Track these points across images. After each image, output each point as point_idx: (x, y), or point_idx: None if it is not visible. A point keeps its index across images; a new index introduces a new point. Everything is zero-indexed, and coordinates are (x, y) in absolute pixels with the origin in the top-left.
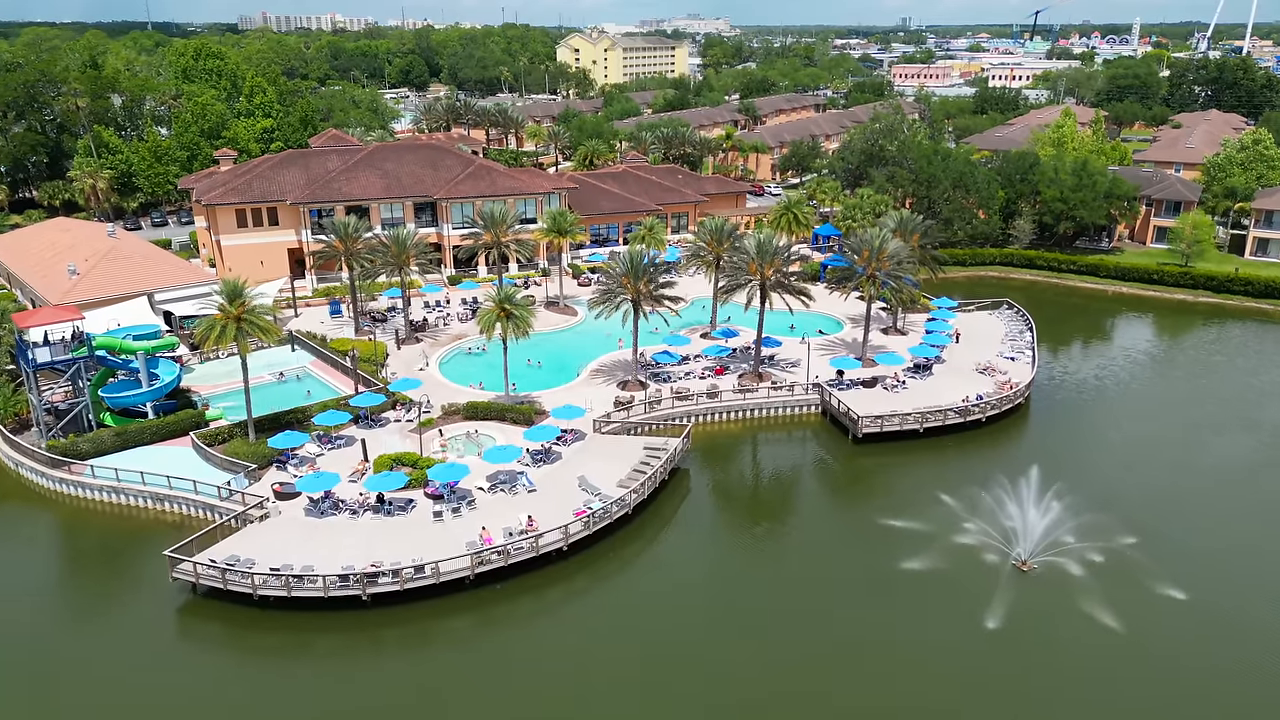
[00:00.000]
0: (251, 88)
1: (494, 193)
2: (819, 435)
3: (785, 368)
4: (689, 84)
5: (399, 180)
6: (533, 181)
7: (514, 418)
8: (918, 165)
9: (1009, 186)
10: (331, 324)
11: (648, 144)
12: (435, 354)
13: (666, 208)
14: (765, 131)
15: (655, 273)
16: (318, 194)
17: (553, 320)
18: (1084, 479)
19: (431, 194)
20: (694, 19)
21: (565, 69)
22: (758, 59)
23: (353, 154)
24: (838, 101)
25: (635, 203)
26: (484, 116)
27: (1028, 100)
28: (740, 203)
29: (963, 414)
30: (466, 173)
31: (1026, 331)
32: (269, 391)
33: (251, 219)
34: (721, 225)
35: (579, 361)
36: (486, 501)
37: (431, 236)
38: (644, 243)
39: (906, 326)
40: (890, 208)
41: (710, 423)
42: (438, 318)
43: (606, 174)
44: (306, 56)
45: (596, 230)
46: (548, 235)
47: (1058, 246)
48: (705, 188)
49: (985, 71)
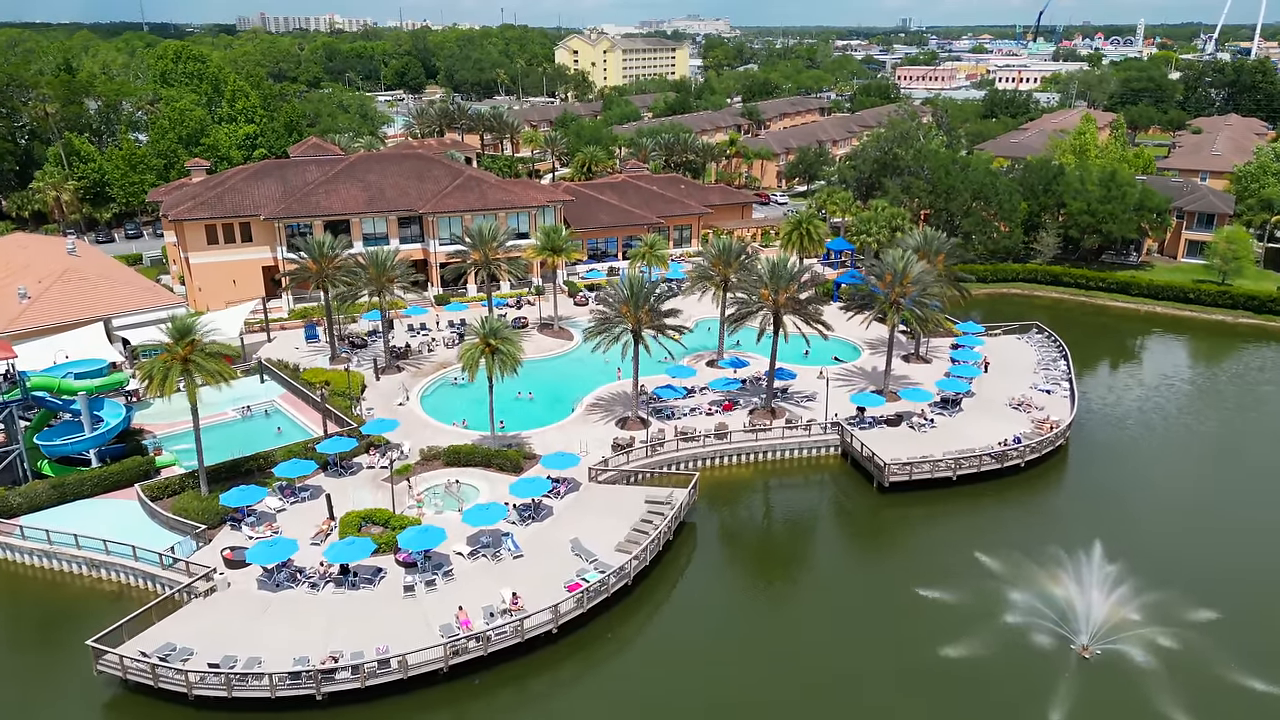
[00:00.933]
0: (233, 92)
1: (484, 206)
2: (840, 482)
3: (800, 402)
4: (690, 86)
5: (382, 193)
6: (526, 194)
7: (500, 464)
8: (935, 175)
9: (1031, 198)
10: (307, 350)
11: (648, 151)
12: (417, 385)
13: (668, 220)
14: (770, 137)
15: (658, 301)
16: (294, 208)
17: (546, 345)
18: (1142, 539)
19: (417, 208)
20: (694, 20)
21: (563, 71)
22: (759, 61)
23: (333, 164)
24: (842, 105)
25: (635, 215)
26: (479, 121)
27: (1038, 103)
28: (746, 214)
29: (1000, 459)
30: (455, 184)
31: (1061, 360)
32: (233, 430)
33: (223, 235)
34: (730, 245)
35: (574, 394)
36: (466, 570)
37: (417, 253)
38: (645, 261)
39: (930, 353)
40: (907, 221)
41: (718, 466)
42: (421, 343)
43: (605, 184)
44: (300, 58)
45: (594, 244)
46: (541, 254)
47: (1083, 261)
48: (709, 198)
49: (991, 73)
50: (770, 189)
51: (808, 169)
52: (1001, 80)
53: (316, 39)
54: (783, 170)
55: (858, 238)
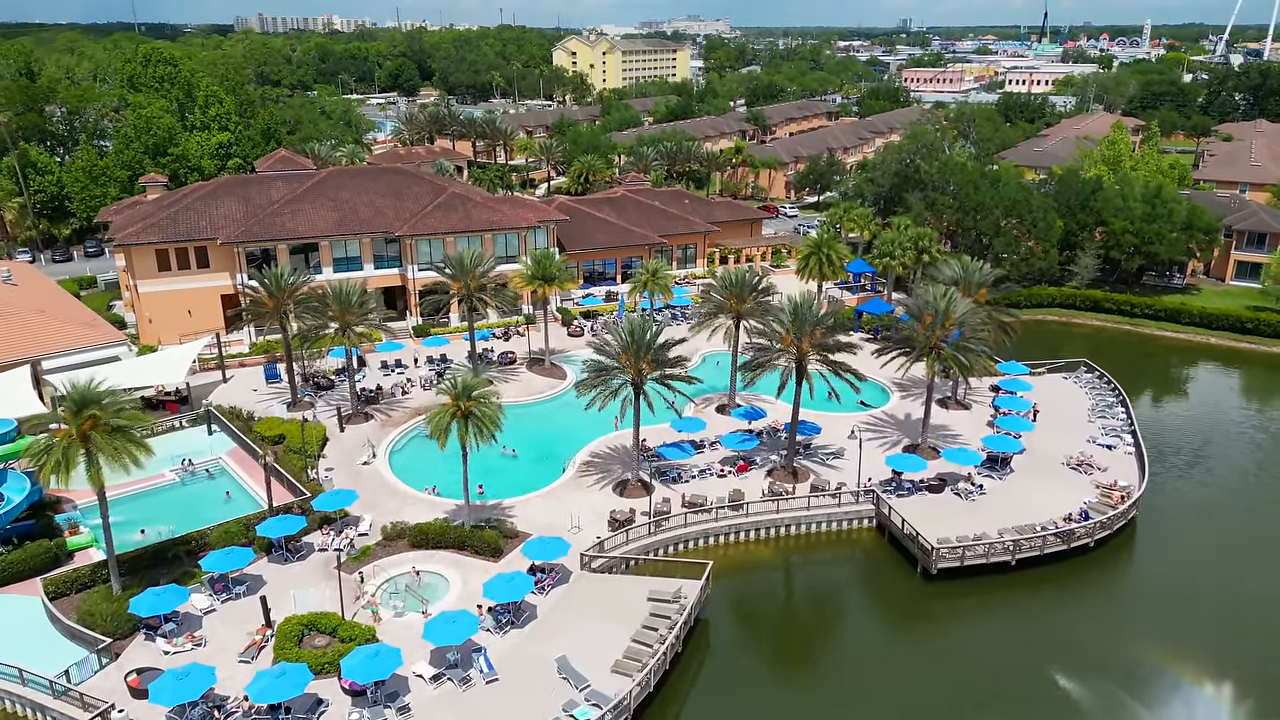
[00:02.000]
0: (206, 98)
1: (468, 228)
2: (877, 563)
3: (826, 459)
4: (692, 89)
5: (355, 213)
6: (515, 214)
7: (476, 547)
8: (963, 191)
9: (1067, 215)
10: (266, 393)
11: (648, 160)
12: (387, 438)
13: (671, 239)
14: (778, 145)
15: (662, 350)
16: (255, 230)
17: (536, 385)
18: (1252, 651)
19: (393, 229)
20: (694, 20)
21: (561, 73)
22: (762, 62)
23: (303, 180)
24: (849, 108)
25: (635, 235)
26: (470, 127)
27: (1054, 107)
28: (755, 231)
29: (1065, 539)
30: (436, 203)
31: (1118, 405)
32: (170, 497)
33: (175, 260)
34: (743, 276)
35: (566, 447)
36: (427, 700)
37: (394, 279)
38: (646, 289)
39: (968, 395)
40: (935, 243)
41: (734, 543)
42: (395, 385)
43: (603, 199)
44: (293, 59)
45: (591, 266)
46: (530, 283)
47: (1123, 284)
48: (715, 214)
49: (1000, 75)
50: (778, 200)
51: (818, 179)
52: (1012, 82)
53: (310, 40)
54: (791, 180)
55: (880, 260)
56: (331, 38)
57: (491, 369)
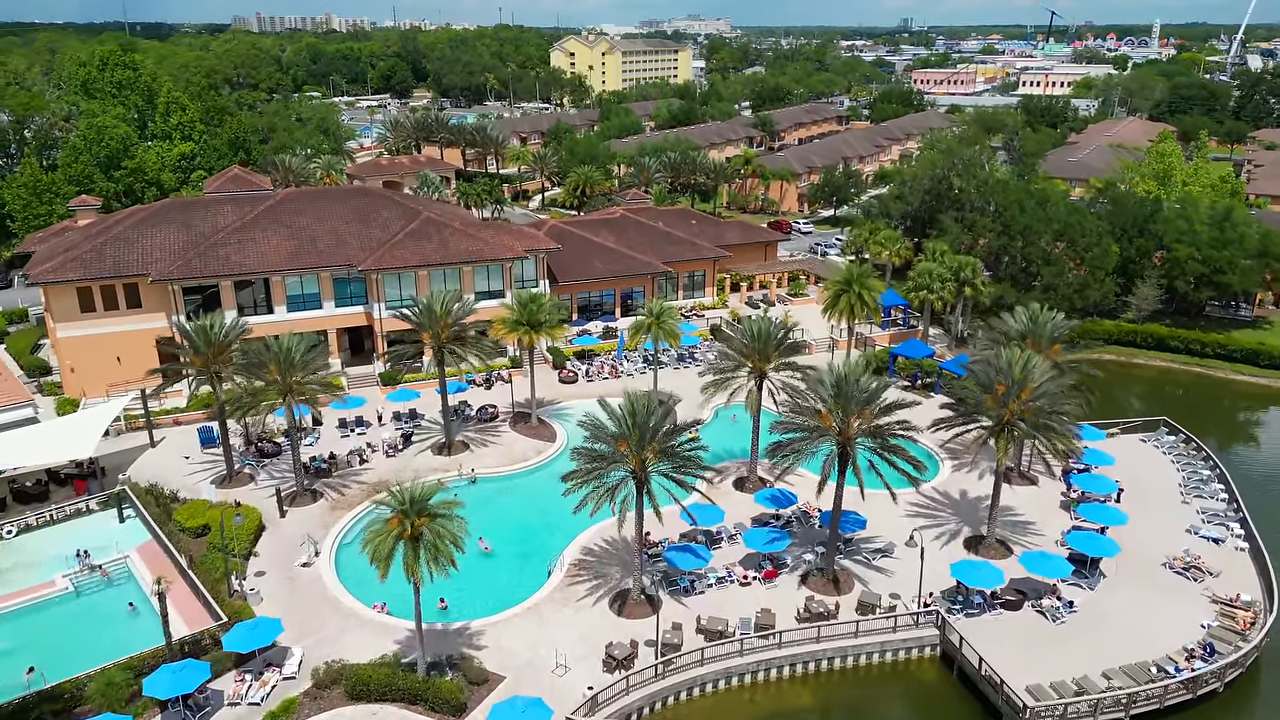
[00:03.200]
0: (167, 104)
1: (444, 260)
2: (945, 709)
3: (872, 558)
4: (695, 92)
5: (313, 243)
6: (498, 243)
7: (432, 701)
8: (1008, 212)
9: (1123, 240)
10: (201, 461)
11: (650, 172)
12: (336, 526)
13: (677, 266)
14: (789, 154)
15: (670, 436)
16: (194, 265)
17: (519, 449)
18: None
19: (356, 262)
20: (694, 19)
21: (559, 75)
22: (765, 63)
23: (256, 203)
24: (859, 112)
25: (636, 263)
26: (460, 134)
27: (1076, 111)
28: (770, 254)
29: (1192, 687)
30: (407, 231)
31: (1214, 480)
32: (59, 613)
33: (102, 300)
34: (768, 329)
35: (554, 538)
36: None
37: (358, 318)
38: (649, 333)
39: (1034, 468)
40: (977, 272)
41: (763, 683)
42: (353, 451)
43: (600, 220)
44: (283, 60)
45: (586, 299)
46: (514, 330)
47: (1183, 316)
48: (726, 236)
49: (1012, 76)
50: (790, 214)
51: (835, 193)
52: (1026, 84)
53: (302, 40)
54: (805, 192)
55: (917, 294)
56: (325, 38)
57: (469, 425)
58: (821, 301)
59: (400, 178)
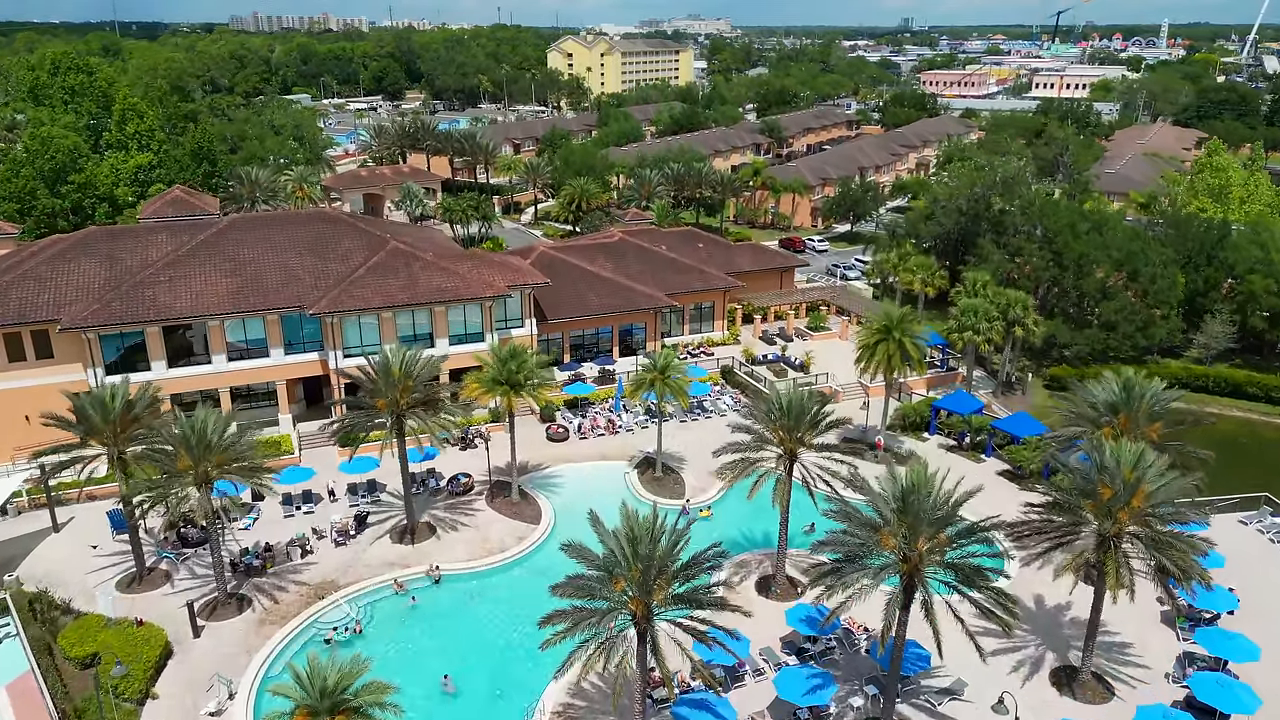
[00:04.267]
0: (123, 111)
1: (411, 299)
2: None
3: (936, 706)
4: (697, 94)
5: (259, 279)
6: (477, 277)
7: None
8: (1059, 239)
9: (1189, 270)
10: (112, 553)
11: (652, 185)
12: (260, 653)
13: (682, 298)
14: (801, 164)
15: (685, 571)
16: (114, 307)
17: (497, 533)
18: None
19: (310, 302)
20: (694, 19)
21: (556, 77)
22: (768, 64)
23: (196, 231)
24: (869, 116)
25: (637, 295)
26: (447, 142)
27: (1099, 115)
28: (787, 281)
29: None
30: (370, 265)
31: None
32: None
33: (6, 350)
34: (801, 403)
35: (535, 671)
36: None
37: (314, 366)
38: (652, 390)
39: None
40: (1028, 309)
41: None
42: (293, 542)
43: (596, 245)
44: (272, 60)
45: (580, 337)
46: (492, 391)
47: (1255, 355)
48: (737, 261)
49: (1022, 77)
50: (803, 230)
51: (852, 206)
52: (1040, 86)
53: (293, 39)
54: (819, 206)
55: (960, 335)
56: (318, 37)
57: (438, 501)
58: (853, 344)
59: (381, 190)
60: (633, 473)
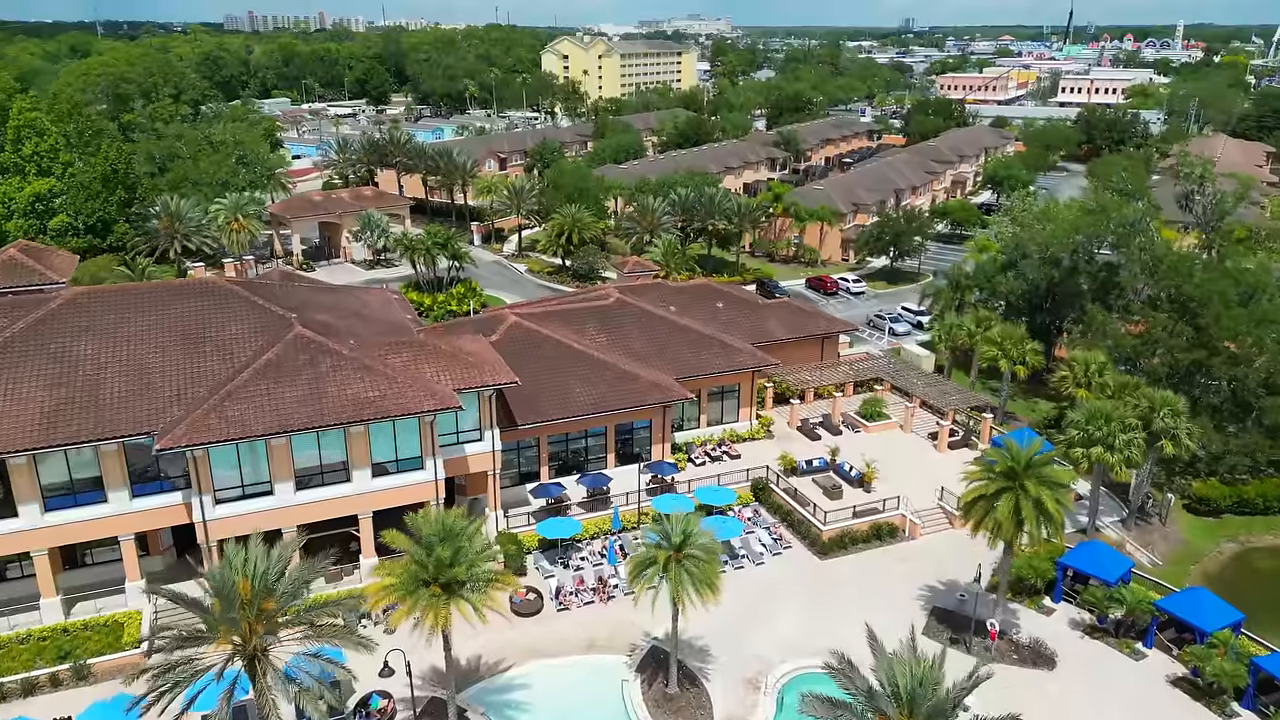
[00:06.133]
0: (18, 129)
1: (315, 419)
2: None
3: None
4: (703, 100)
5: (94, 391)
6: (412, 382)
7: None
8: (1204, 313)
9: None
10: None
11: (656, 217)
12: None
13: (699, 382)
14: (830, 186)
15: None
16: None
17: None
18: None
19: (162, 421)
20: (695, 19)
21: (550, 80)
22: (776, 66)
23: (21, 312)
24: (888, 123)
25: (639, 385)
26: (420, 158)
27: (1146, 126)
28: (829, 352)
29: None
30: (258, 366)
31: None
32: None
33: None
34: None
35: None
36: None
37: (177, 513)
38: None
39: None
40: (1179, 416)
41: None
42: None
43: (588, 310)
44: (251, 62)
45: (563, 444)
46: (412, 599)
47: None
48: (767, 325)
49: (1043, 80)
50: (830, 263)
51: (894, 240)
52: (1067, 90)
53: (275, 39)
54: (851, 237)
55: (1085, 453)
56: (303, 37)
57: None
58: (972, 520)
59: (339, 218)
60: (634, 682)
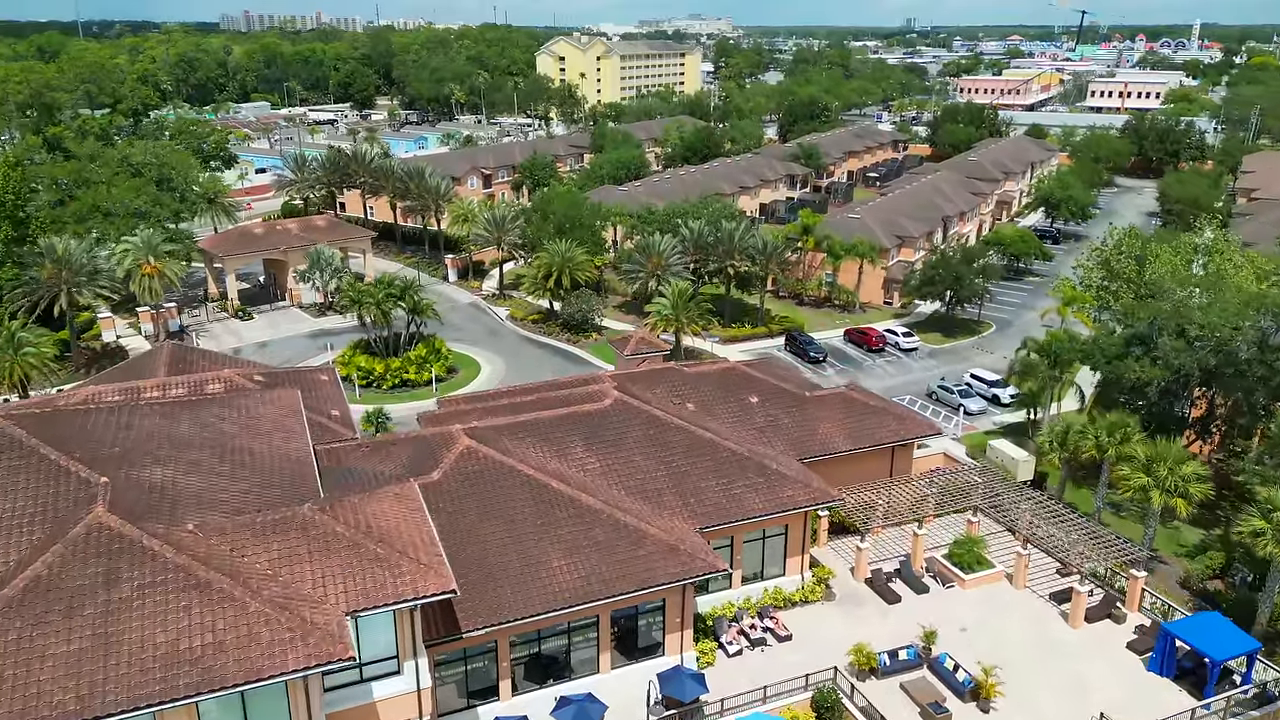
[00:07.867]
0: None
1: (94, 711)
2: None
3: None
4: (708, 105)
5: None
6: (271, 639)
7: None
8: None
9: None
10: None
11: (664, 258)
12: None
13: (732, 529)
14: (866, 213)
15: None
16: None
17: None
18: None
19: None
20: (695, 19)
21: (544, 84)
22: (784, 68)
23: None
24: (910, 130)
25: (645, 550)
26: (387, 179)
27: (1202, 136)
28: (901, 464)
29: None
30: (13, 591)
31: None
32: None
33: None
34: None
35: None
36: None
37: None
38: None
39: None
40: None
41: None
42: None
43: (572, 419)
44: (229, 65)
45: (535, 642)
46: None
47: None
48: (819, 430)
49: (1066, 83)
50: (871, 307)
51: (952, 283)
52: (1096, 94)
53: (258, 40)
54: (895, 276)
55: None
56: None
57: None
58: None
59: (283, 254)
60: None
